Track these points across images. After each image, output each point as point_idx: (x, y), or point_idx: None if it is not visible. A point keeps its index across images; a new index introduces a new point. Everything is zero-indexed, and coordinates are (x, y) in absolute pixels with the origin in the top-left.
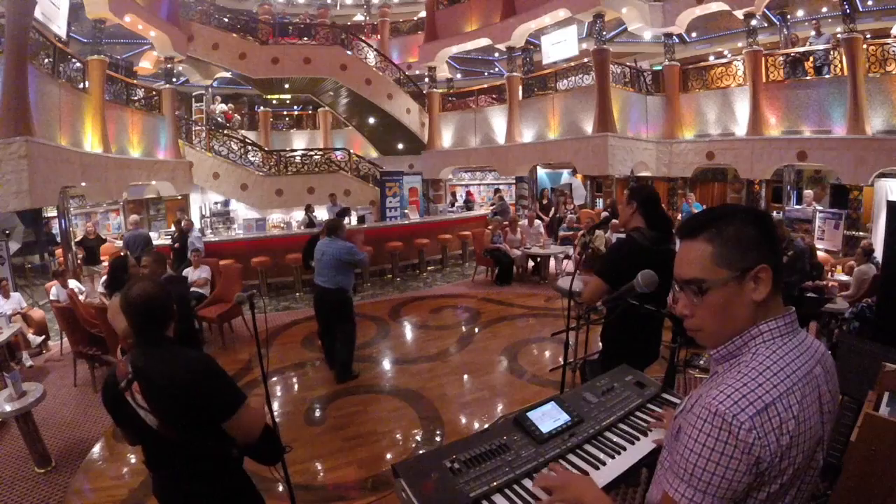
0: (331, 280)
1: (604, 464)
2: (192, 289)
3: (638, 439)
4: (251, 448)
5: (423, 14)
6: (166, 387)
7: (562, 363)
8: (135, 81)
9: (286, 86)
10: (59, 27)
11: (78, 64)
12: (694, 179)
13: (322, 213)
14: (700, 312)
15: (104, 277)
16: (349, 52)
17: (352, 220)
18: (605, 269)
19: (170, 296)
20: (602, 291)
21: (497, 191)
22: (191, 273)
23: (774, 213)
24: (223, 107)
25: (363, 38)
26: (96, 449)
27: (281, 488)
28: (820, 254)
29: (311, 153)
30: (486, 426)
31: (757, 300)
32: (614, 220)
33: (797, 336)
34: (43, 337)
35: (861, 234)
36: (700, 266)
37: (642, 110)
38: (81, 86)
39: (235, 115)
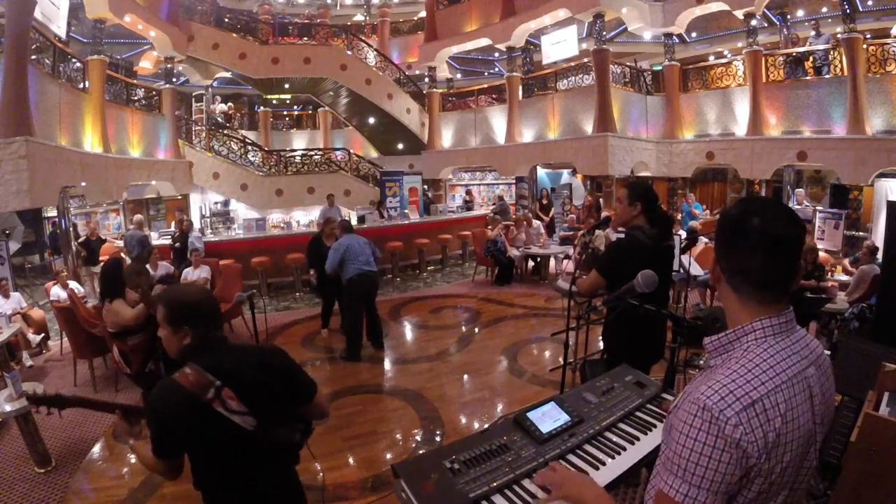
0: (372, 264)
1: (604, 464)
2: None
3: (638, 439)
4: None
5: (423, 14)
6: (262, 381)
7: (562, 363)
8: (135, 81)
9: (286, 86)
10: (59, 27)
11: (78, 64)
12: (694, 179)
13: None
14: None
15: None
16: (349, 52)
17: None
18: (606, 266)
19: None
20: (598, 286)
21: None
22: (191, 273)
23: None
24: (223, 107)
25: (363, 37)
26: (96, 449)
27: None
28: (820, 254)
29: (311, 153)
30: (486, 426)
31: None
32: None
33: (792, 336)
34: (42, 335)
35: (861, 234)
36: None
37: (642, 110)
38: (81, 86)
39: (234, 111)
